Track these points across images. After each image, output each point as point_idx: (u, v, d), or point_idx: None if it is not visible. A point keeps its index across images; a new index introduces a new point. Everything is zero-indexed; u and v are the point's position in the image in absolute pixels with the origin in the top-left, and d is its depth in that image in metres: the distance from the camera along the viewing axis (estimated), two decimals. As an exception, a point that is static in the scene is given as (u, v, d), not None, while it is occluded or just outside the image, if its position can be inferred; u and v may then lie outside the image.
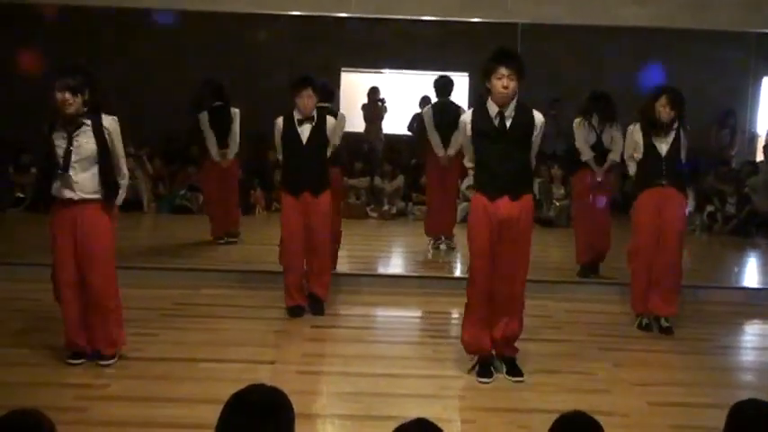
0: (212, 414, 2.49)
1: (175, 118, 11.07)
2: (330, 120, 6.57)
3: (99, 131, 5.06)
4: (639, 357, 5.92)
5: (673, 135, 6.46)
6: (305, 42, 12.42)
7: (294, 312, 6.51)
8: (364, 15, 10.29)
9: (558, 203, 11.06)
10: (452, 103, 9.10)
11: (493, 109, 5.06)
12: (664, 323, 6.48)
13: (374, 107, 13.09)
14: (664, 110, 6.39)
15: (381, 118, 13.13)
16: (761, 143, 13.06)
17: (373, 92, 13.10)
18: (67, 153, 5.00)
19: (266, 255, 8.66)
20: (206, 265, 7.96)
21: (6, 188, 11.03)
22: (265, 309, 6.74)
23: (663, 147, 6.47)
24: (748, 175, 11.73)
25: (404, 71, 13.60)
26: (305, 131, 6.41)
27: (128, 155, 5.97)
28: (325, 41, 12.62)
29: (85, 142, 5.03)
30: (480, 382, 5.20)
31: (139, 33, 12.18)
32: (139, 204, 11.10)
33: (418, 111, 12.20)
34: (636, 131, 6.59)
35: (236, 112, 9.01)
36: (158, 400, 4.71)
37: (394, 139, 12.91)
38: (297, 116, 6.42)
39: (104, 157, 5.07)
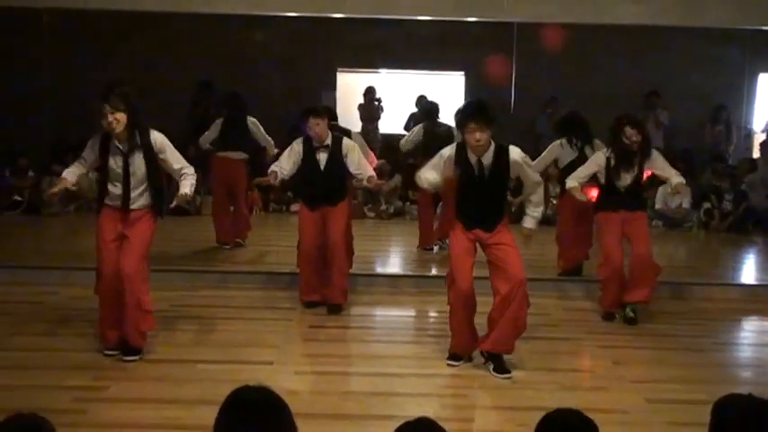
0: (211, 415, 2.49)
1: (172, 119, 11.04)
2: (345, 143, 6.69)
3: (149, 154, 5.26)
4: (638, 354, 5.94)
5: (636, 167, 6.47)
6: (301, 43, 12.44)
7: (309, 306, 6.76)
8: (360, 16, 10.32)
9: (555, 201, 11.04)
10: (441, 124, 9.06)
11: (473, 158, 5.28)
12: (629, 313, 6.54)
13: (371, 107, 13.10)
14: (633, 136, 6.37)
15: (378, 118, 13.15)
16: (758, 140, 13.08)
17: (369, 92, 13.11)
18: (126, 177, 5.22)
19: (264, 256, 8.68)
20: (204, 266, 7.96)
21: (3, 191, 11.01)
22: (263, 310, 6.75)
23: (627, 178, 6.49)
24: (746, 172, 11.74)
25: (400, 71, 13.62)
26: (322, 159, 6.65)
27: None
28: (322, 42, 12.63)
29: (139, 166, 5.24)
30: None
31: (135, 35, 12.19)
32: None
33: (414, 110, 12.19)
34: (600, 157, 6.60)
35: (253, 121, 8.81)
36: (157, 402, 4.71)
37: (391, 139, 12.90)
38: (314, 143, 6.62)
39: (153, 176, 5.31)
